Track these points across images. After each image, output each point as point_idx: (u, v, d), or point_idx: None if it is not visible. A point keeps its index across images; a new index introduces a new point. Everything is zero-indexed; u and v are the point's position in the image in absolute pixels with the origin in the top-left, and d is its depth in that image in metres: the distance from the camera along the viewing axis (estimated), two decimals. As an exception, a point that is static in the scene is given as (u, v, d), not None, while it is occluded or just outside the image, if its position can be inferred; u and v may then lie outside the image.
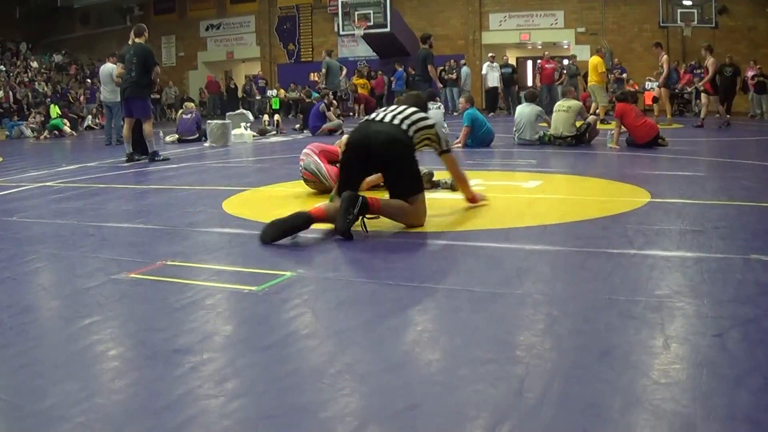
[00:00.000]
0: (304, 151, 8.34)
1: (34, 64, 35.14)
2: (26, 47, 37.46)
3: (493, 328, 3.61)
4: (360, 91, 29.83)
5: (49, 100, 28.73)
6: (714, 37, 26.88)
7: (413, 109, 6.46)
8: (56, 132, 25.30)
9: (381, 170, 6.27)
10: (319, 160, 8.12)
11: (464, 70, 28.13)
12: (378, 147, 6.05)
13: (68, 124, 26.70)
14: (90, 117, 30.06)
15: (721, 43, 26.49)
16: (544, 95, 24.48)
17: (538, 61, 28.21)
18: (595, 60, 19.84)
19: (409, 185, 6.09)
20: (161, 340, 3.59)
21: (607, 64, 26.06)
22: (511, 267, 4.89)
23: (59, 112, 27.31)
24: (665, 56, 19.34)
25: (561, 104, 14.17)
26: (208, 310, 4.05)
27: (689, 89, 25.10)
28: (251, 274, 4.81)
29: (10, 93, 28.58)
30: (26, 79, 31.84)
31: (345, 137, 7.82)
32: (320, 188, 8.15)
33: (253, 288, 4.40)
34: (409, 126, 6.22)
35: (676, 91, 25.52)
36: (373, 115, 6.38)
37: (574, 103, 14.06)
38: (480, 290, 4.24)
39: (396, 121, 6.18)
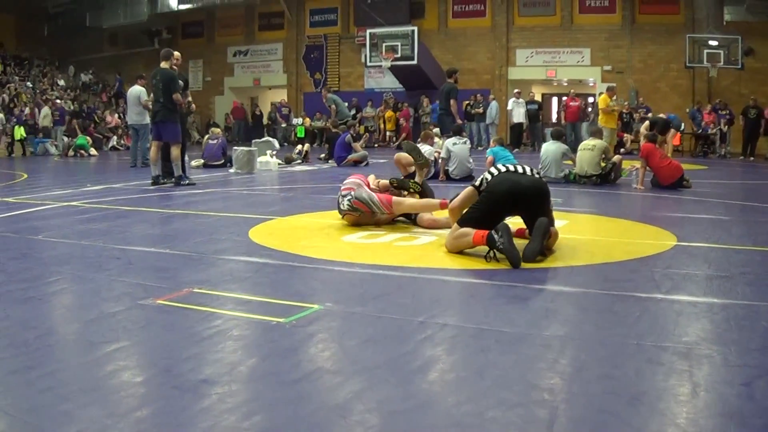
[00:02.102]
0: (352, 181, 8.43)
1: (61, 82, 35.36)
2: (74, 70, 37.72)
3: (521, 370, 3.59)
4: (388, 123, 30.51)
5: (15, 120, 27.99)
6: (740, 78, 26.89)
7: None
8: (81, 152, 25.45)
9: (528, 210, 6.78)
10: (371, 192, 8.22)
11: (493, 104, 28.13)
12: (531, 195, 6.73)
13: (92, 143, 26.86)
14: (115, 138, 30.26)
15: (746, 84, 26.50)
16: (568, 133, 24.49)
17: (563, 98, 28.18)
18: (601, 102, 19.89)
19: (551, 217, 6.81)
20: (187, 369, 3.59)
21: (632, 103, 26.14)
22: (538, 308, 4.88)
23: (23, 134, 26.97)
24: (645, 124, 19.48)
25: (586, 143, 14.16)
26: (235, 341, 4.06)
27: (714, 130, 25.04)
28: (278, 306, 4.81)
29: (36, 110, 28.67)
30: (53, 97, 31.97)
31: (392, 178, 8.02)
32: (356, 219, 8.26)
33: (280, 320, 4.40)
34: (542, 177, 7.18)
35: (700, 132, 25.51)
36: (512, 168, 6.98)
37: (599, 142, 14.04)
38: (508, 331, 4.24)
39: (536, 175, 6.96)
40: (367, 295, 5.21)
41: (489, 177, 6.85)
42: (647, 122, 18.99)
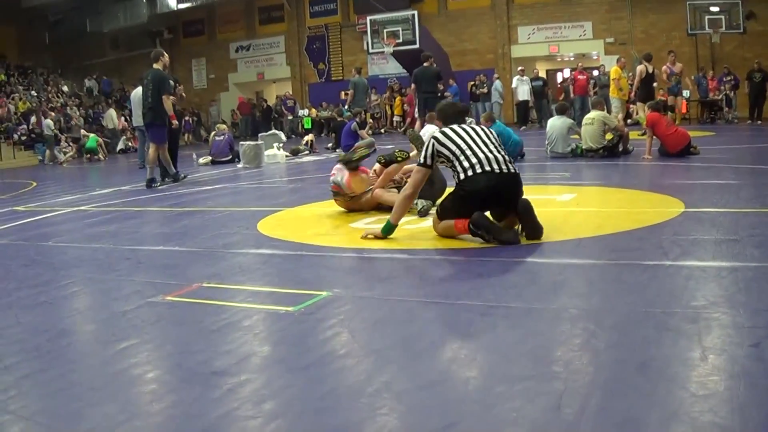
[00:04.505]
0: (336, 166, 8.42)
1: (65, 89, 35.40)
2: (96, 84, 37.63)
3: (529, 344, 3.60)
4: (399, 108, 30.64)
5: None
6: (743, 42, 26.73)
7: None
8: (89, 156, 25.53)
9: (503, 204, 6.41)
10: (346, 173, 8.22)
11: (496, 83, 28.04)
12: (502, 193, 6.32)
13: (103, 146, 26.89)
14: (123, 140, 30.29)
15: (750, 48, 26.35)
16: (577, 107, 24.37)
17: (572, 72, 28.06)
18: (613, 73, 19.83)
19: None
20: (198, 362, 3.61)
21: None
22: (546, 282, 4.88)
23: None
24: (639, 67, 19.19)
25: (587, 118, 14.10)
26: (244, 332, 4.07)
27: (719, 96, 24.95)
28: (287, 295, 4.83)
29: (42, 118, 28.67)
30: (58, 105, 32.02)
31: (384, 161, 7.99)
32: (346, 204, 8.34)
33: (289, 308, 4.42)
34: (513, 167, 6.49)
35: (708, 98, 25.41)
36: (487, 167, 6.33)
37: (597, 114, 13.88)
38: (516, 306, 4.24)
39: (509, 168, 6.36)
40: (375, 279, 5.24)
41: (462, 176, 6.38)
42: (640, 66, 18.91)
